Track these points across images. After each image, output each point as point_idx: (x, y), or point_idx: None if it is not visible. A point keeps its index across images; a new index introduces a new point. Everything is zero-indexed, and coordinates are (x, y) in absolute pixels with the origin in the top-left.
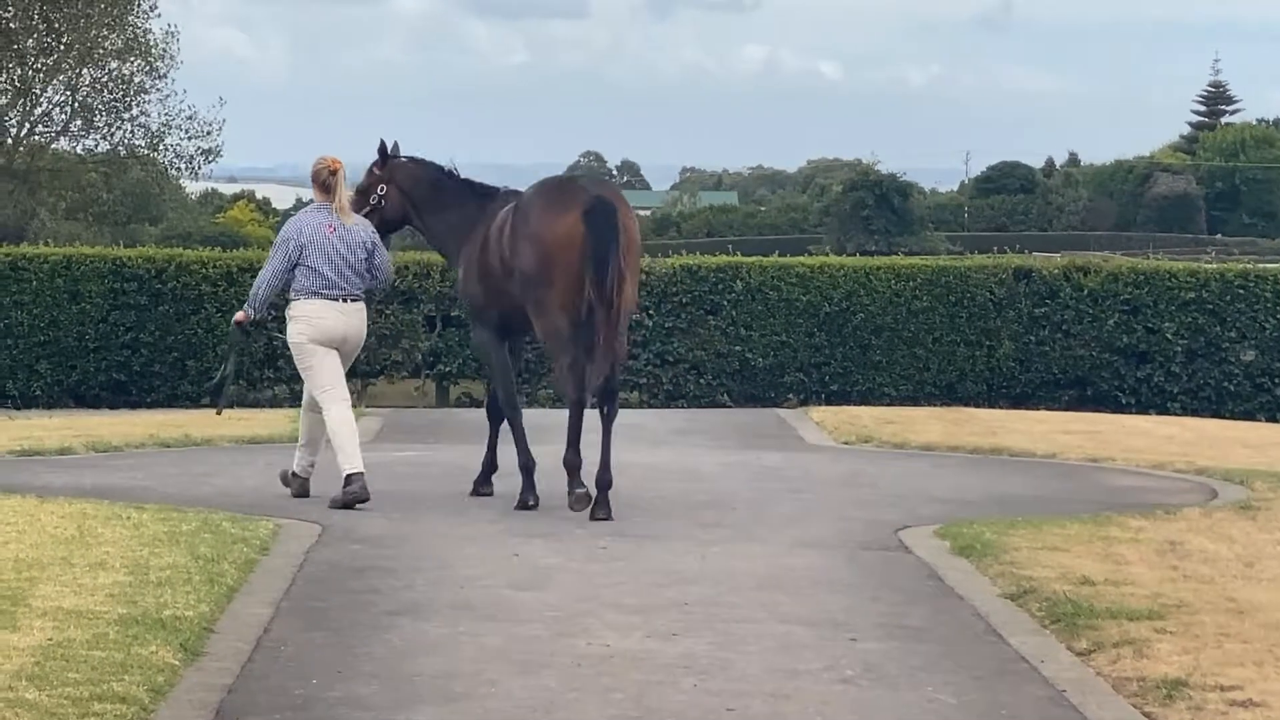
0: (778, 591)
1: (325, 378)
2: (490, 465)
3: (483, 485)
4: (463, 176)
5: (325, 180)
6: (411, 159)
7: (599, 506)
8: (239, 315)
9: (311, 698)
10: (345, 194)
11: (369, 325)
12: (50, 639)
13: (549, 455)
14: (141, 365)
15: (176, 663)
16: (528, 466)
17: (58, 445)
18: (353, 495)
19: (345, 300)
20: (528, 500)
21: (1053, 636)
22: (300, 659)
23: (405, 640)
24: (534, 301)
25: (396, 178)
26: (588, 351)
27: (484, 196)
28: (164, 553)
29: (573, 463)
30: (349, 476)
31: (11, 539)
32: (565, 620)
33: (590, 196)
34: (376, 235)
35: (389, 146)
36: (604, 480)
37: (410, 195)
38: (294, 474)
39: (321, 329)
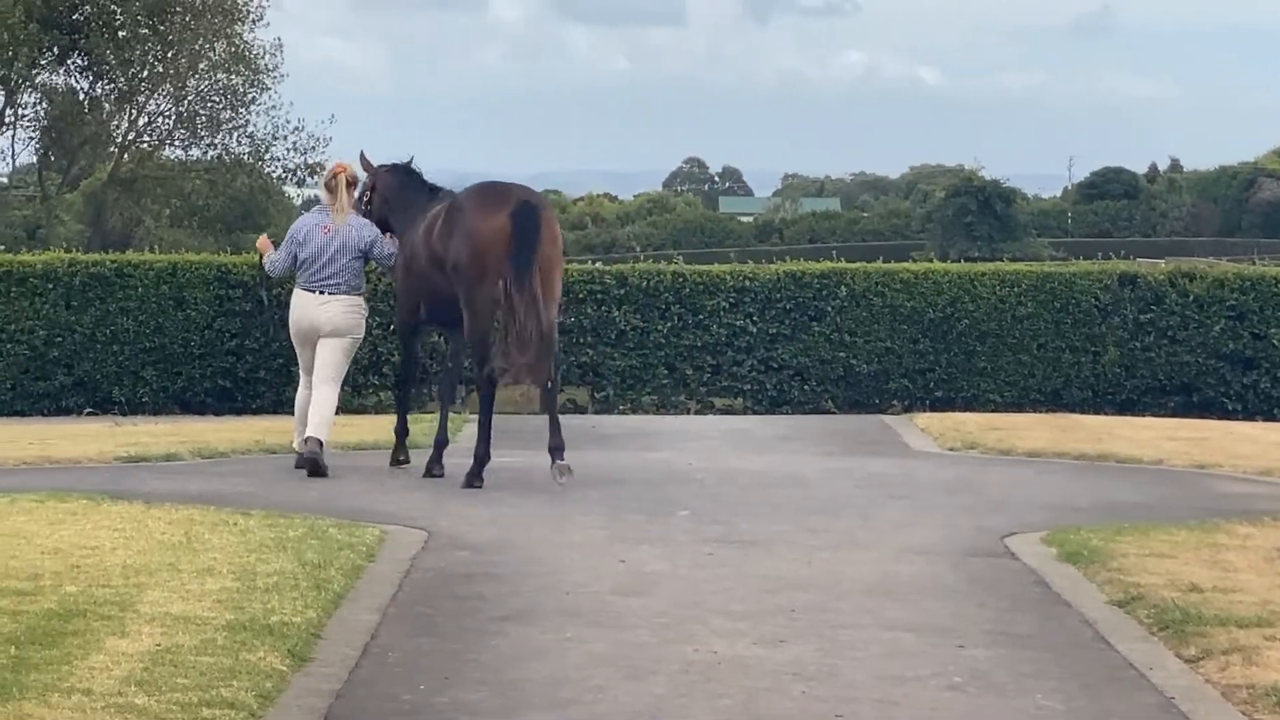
0: (884, 598)
1: (301, 362)
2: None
3: (427, 463)
4: (425, 180)
5: (329, 183)
6: (390, 166)
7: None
8: (263, 243)
9: (419, 704)
10: (345, 197)
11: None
12: (159, 645)
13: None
14: (247, 372)
15: (284, 669)
16: (402, 432)
17: (164, 452)
18: (302, 461)
19: (324, 293)
20: (399, 457)
21: (1161, 643)
22: (408, 665)
23: (512, 646)
24: (464, 293)
25: (378, 185)
26: (512, 338)
27: (431, 195)
28: (271, 559)
29: (481, 456)
30: (304, 445)
31: (119, 545)
32: (672, 626)
33: (518, 201)
34: (374, 233)
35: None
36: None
37: (387, 199)
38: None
39: (299, 317)
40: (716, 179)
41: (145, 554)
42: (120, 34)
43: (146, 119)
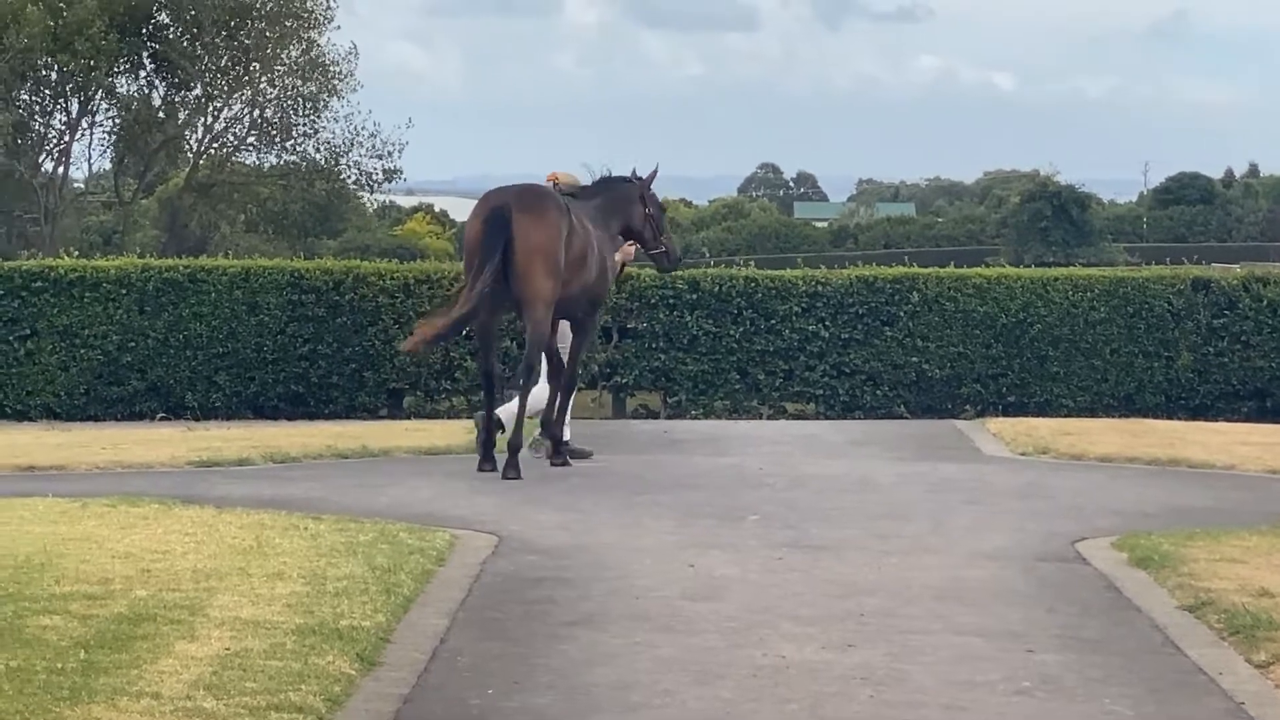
0: (954, 602)
1: None
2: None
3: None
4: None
5: None
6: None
7: (510, 467)
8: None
9: (488, 708)
10: None
11: None
12: (228, 649)
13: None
14: (319, 377)
15: (353, 673)
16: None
17: (236, 456)
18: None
19: None
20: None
21: (1231, 648)
22: (476, 669)
23: (582, 651)
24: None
25: None
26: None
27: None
28: (341, 563)
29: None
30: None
31: (190, 549)
32: (741, 631)
33: (494, 204)
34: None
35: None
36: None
37: None
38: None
39: None
40: (791, 184)
41: (216, 558)
42: (197, 41)
43: (223, 125)
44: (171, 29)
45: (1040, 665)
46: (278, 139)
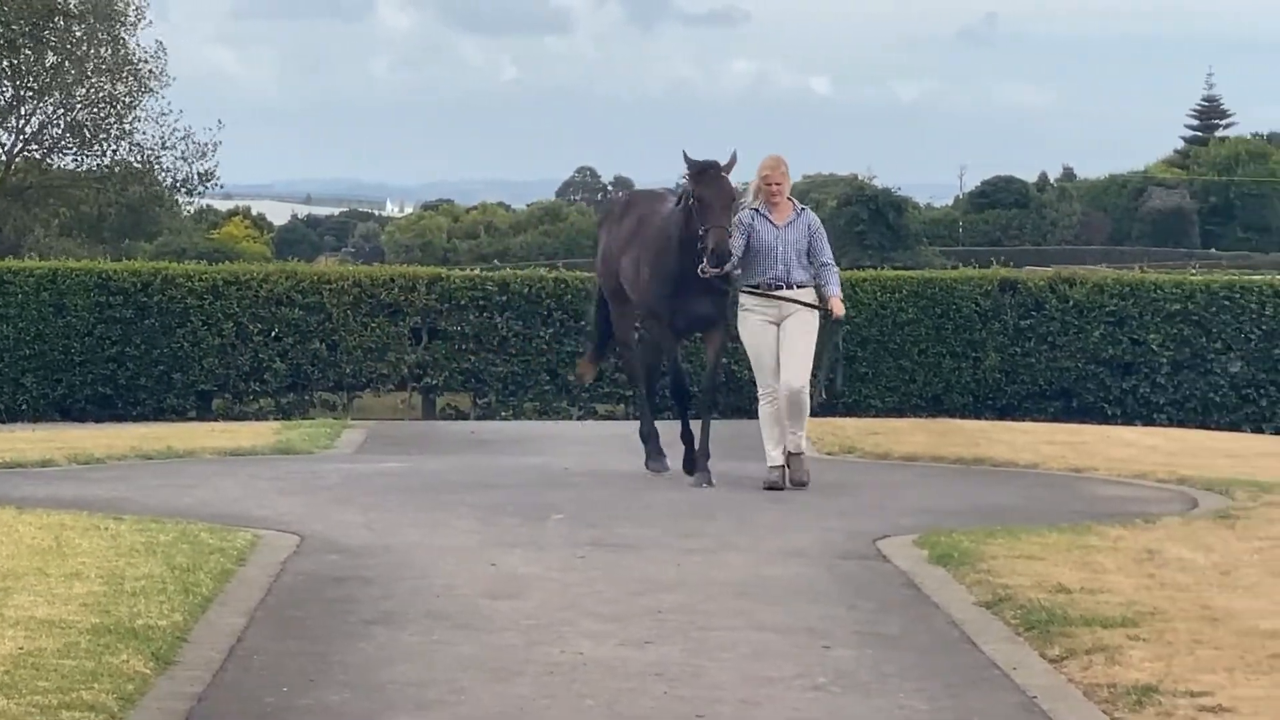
0: (754, 600)
1: None
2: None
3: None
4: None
5: None
6: None
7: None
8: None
9: (282, 706)
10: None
11: None
12: (21, 648)
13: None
14: (127, 379)
15: (148, 671)
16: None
17: (39, 457)
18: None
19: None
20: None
21: (1026, 644)
22: (272, 667)
23: (379, 649)
24: None
25: None
26: None
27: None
28: (140, 563)
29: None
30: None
31: None
32: (540, 629)
33: None
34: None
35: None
36: None
37: None
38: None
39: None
40: (609, 188)
41: (13, 559)
42: (3, 41)
43: (35, 127)
44: None
45: (837, 661)
46: (92, 141)
